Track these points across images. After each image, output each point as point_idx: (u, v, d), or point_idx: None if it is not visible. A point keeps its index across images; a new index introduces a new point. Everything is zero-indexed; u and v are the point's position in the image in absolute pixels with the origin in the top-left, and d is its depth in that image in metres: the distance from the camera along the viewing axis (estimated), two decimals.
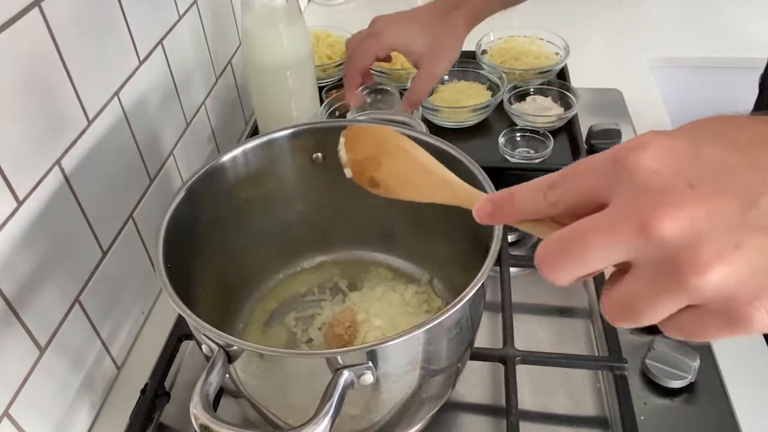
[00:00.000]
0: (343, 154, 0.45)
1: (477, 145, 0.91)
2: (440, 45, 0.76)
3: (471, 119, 0.91)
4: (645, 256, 0.25)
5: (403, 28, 0.76)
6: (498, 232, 0.48)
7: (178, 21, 0.77)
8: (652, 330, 0.64)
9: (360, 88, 0.82)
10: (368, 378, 0.42)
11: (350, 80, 0.79)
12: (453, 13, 0.75)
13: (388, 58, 0.81)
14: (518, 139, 0.87)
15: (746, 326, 0.25)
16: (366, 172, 0.43)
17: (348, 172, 0.44)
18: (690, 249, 0.24)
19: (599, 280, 0.66)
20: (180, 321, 0.66)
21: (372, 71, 0.94)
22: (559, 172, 0.29)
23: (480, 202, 0.32)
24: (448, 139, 0.57)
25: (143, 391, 0.60)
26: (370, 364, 0.42)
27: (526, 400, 0.60)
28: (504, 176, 0.78)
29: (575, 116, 0.89)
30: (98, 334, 0.63)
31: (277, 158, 0.62)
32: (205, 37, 0.85)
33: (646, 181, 0.25)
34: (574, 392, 0.61)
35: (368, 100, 0.88)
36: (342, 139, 0.45)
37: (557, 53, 1.00)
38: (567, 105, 0.90)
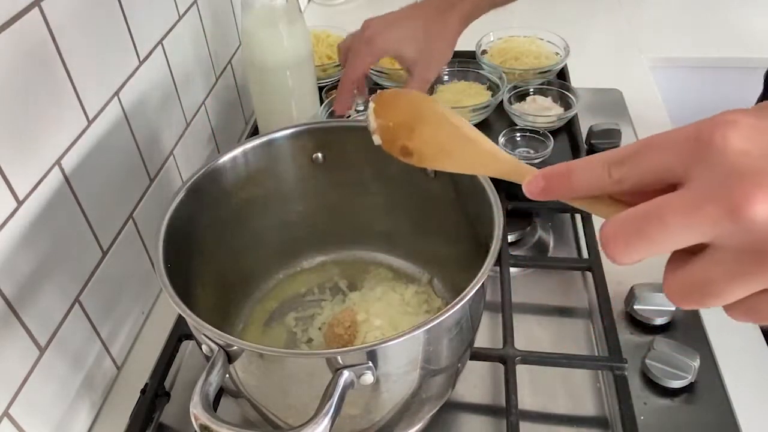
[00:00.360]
0: (372, 120, 0.41)
1: None
2: (433, 49, 0.74)
3: (471, 119, 0.91)
4: (727, 238, 0.24)
5: (395, 32, 0.74)
6: (498, 232, 0.48)
7: (178, 21, 0.77)
8: (652, 330, 0.64)
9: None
10: (368, 378, 0.42)
11: (344, 90, 0.77)
12: (448, 12, 0.74)
13: None
14: (518, 139, 0.87)
15: None
16: (398, 140, 0.40)
17: (377, 140, 0.41)
18: None
19: (600, 276, 0.66)
20: (180, 321, 0.66)
21: (371, 71, 0.94)
22: (626, 148, 0.28)
23: (531, 176, 0.31)
24: None
25: (143, 391, 0.60)
26: (370, 364, 0.42)
27: (526, 400, 0.60)
28: None
29: (575, 116, 0.89)
30: (98, 334, 0.63)
31: (277, 158, 0.62)
32: (205, 37, 0.85)
33: (735, 161, 0.24)
34: (574, 392, 0.61)
35: (360, 108, 0.87)
36: (371, 105, 0.42)
37: (557, 53, 1.00)
38: (567, 105, 0.90)
